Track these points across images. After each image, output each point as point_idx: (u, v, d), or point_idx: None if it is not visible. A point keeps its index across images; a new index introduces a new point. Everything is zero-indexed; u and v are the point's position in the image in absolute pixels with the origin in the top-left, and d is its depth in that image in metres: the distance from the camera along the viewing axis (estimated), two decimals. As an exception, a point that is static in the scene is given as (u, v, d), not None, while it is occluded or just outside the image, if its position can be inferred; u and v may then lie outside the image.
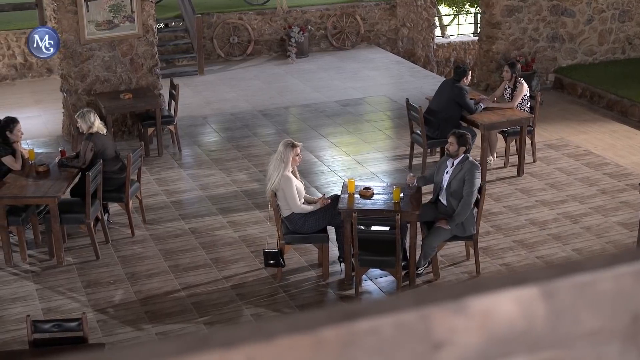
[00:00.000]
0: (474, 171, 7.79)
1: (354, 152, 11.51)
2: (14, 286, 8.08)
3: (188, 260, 8.50)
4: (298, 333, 0.90)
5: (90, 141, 8.81)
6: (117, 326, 7.36)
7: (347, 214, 7.63)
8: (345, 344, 0.92)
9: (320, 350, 0.91)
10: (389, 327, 0.94)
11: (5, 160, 8.70)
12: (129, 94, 11.40)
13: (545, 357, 1.02)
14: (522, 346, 1.01)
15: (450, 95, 10.23)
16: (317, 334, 0.91)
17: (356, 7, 17.35)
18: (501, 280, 1.00)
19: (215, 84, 14.93)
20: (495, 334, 0.99)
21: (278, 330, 0.90)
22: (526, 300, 1.00)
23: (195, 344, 0.89)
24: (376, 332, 0.94)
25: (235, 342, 0.89)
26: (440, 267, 8.13)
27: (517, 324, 1.00)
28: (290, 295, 7.83)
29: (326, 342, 0.91)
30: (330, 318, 0.92)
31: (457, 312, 0.97)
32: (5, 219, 8.24)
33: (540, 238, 8.90)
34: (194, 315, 7.50)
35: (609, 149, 11.45)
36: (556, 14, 14.35)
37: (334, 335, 0.92)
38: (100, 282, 8.11)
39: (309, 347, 0.91)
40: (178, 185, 10.43)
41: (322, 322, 0.92)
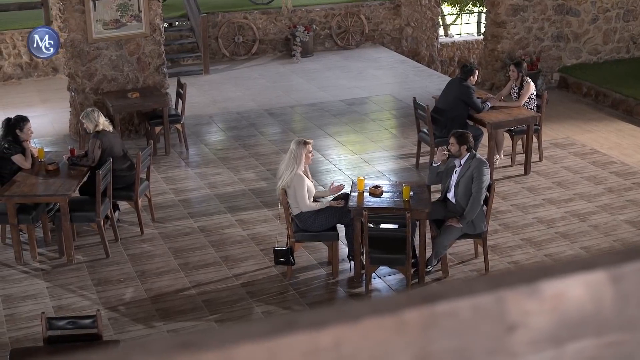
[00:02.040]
0: (482, 168, 7.82)
1: (361, 150, 11.54)
2: (25, 284, 8.11)
3: (198, 258, 8.53)
4: (382, 315, 0.94)
5: (97, 139, 8.84)
6: (128, 324, 7.39)
7: (358, 212, 7.66)
8: (426, 326, 0.95)
9: (403, 332, 0.95)
10: (467, 309, 0.97)
11: (15, 158, 8.73)
12: (137, 93, 11.43)
13: (612, 340, 1.05)
14: (590, 329, 1.04)
15: (457, 94, 10.26)
16: (400, 315, 0.94)
17: (361, 6, 17.38)
18: (571, 265, 1.03)
19: (220, 83, 14.96)
20: (565, 317, 1.02)
21: (363, 312, 0.94)
22: (595, 285, 1.03)
23: (284, 325, 0.92)
24: (454, 314, 0.97)
25: (323, 324, 0.92)
26: (449, 265, 8.16)
27: (586, 308, 1.03)
28: (300, 293, 7.86)
29: (408, 323, 0.95)
30: (411, 301, 0.96)
31: (530, 296, 1.00)
32: (15, 218, 8.27)
33: (548, 236, 8.93)
34: (204, 313, 7.53)
35: (614, 148, 11.48)
36: (561, 13, 14.38)
37: (415, 317, 0.95)
38: (110, 280, 8.14)
39: (392, 329, 0.94)
40: (186, 183, 10.46)
41: (404, 304, 0.95)
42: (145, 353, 0.86)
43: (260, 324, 0.91)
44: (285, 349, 0.90)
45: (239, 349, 0.88)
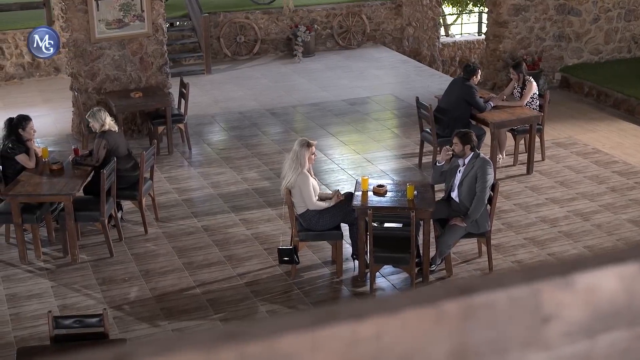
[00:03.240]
0: (485, 167, 7.83)
1: (363, 150, 11.56)
2: (29, 283, 8.12)
3: (201, 257, 8.54)
4: (422, 306, 0.95)
5: (103, 139, 8.85)
6: (133, 323, 7.40)
7: (362, 211, 7.67)
8: (464, 317, 0.97)
9: (442, 323, 0.96)
10: (503, 301, 0.99)
11: (20, 158, 8.74)
12: (139, 93, 11.45)
13: (643, 332, 1.07)
14: (622, 321, 1.06)
15: (460, 93, 10.29)
16: (439, 307, 0.96)
17: (362, 6, 17.39)
18: (605, 258, 1.05)
19: (222, 83, 14.97)
20: (598, 309, 1.04)
21: (403, 303, 0.95)
22: (627, 277, 1.05)
23: (327, 316, 0.93)
24: (491, 306, 0.99)
25: (365, 315, 0.93)
26: (452, 264, 8.17)
27: (619, 300, 1.05)
28: (305, 292, 7.87)
29: (447, 314, 0.96)
30: (450, 292, 0.97)
31: (565, 288, 1.02)
32: (20, 217, 8.29)
33: (552, 235, 8.94)
34: (209, 312, 7.55)
35: (616, 147, 11.50)
36: (562, 13, 14.40)
37: (454, 309, 0.96)
38: (114, 280, 8.16)
39: (431, 320, 0.96)
40: (189, 183, 10.48)
41: (443, 296, 0.97)
42: (192, 343, 0.88)
43: (302, 315, 0.93)
44: (329, 339, 0.91)
45: (283, 339, 0.90)
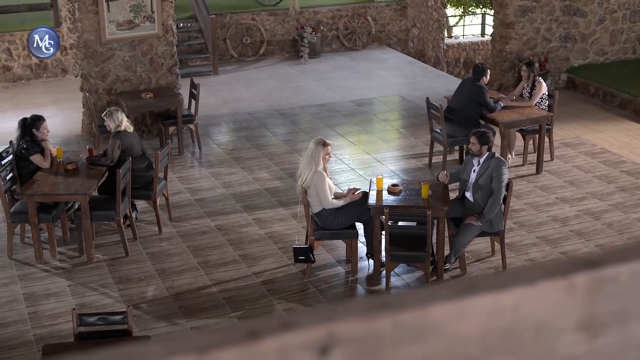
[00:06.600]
0: (501, 167, 7.91)
1: (373, 150, 11.62)
2: (46, 282, 8.17)
3: (216, 256, 8.60)
4: (555, 278, 1.01)
5: (117, 139, 8.91)
6: (151, 321, 7.45)
7: (378, 209, 7.74)
8: (592, 289, 1.03)
9: (572, 294, 1.02)
10: (626, 275, 1.05)
11: (34, 158, 8.79)
12: (150, 93, 11.51)
13: None
14: None
15: (470, 94, 10.36)
16: (570, 279, 1.02)
17: (367, 7, 17.48)
18: None
19: (229, 83, 15.04)
20: None
21: (537, 276, 1.01)
22: None
23: (466, 288, 0.99)
24: (616, 279, 1.05)
25: (503, 287, 1.00)
26: (466, 263, 8.24)
27: None
28: (320, 291, 7.93)
29: (577, 286, 1.02)
30: (578, 266, 1.04)
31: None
32: (36, 216, 8.34)
33: (563, 234, 9.01)
34: (226, 310, 7.60)
35: (624, 147, 11.58)
36: (568, 14, 14.48)
37: (584, 281, 1.03)
38: (131, 278, 8.21)
39: (563, 291, 1.02)
40: (201, 183, 10.54)
41: (573, 269, 1.03)
42: (348, 313, 0.94)
43: (446, 287, 0.99)
44: (473, 308, 0.97)
45: (432, 308, 0.96)
